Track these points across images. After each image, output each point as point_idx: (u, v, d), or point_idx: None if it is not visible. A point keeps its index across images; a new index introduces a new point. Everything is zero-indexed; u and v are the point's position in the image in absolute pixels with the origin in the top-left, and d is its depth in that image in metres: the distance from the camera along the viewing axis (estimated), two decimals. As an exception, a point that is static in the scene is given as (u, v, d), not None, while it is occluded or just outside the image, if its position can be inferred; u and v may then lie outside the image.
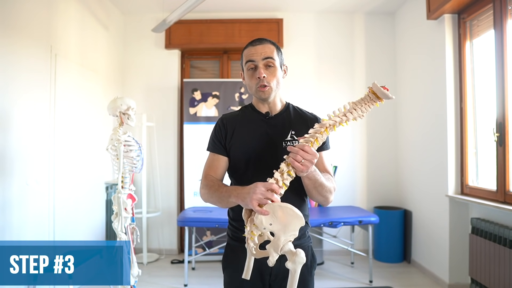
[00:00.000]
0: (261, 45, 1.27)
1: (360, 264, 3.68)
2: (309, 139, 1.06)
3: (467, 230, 2.87)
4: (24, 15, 2.47)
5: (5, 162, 2.29)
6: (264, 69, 1.25)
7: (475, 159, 2.92)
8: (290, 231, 1.00)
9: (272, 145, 1.26)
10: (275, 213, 0.99)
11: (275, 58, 1.26)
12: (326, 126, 1.06)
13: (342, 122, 1.05)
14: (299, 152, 1.02)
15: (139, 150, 2.41)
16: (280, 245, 1.00)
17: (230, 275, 1.31)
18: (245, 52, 1.30)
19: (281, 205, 0.99)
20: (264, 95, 1.27)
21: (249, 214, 1.05)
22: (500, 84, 2.50)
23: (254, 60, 1.25)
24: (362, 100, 1.06)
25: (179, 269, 3.54)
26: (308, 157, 1.02)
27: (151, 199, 4.05)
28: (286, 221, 0.99)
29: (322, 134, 1.05)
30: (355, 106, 1.06)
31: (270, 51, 1.26)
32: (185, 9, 2.93)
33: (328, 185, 1.21)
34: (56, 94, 2.77)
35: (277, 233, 1.00)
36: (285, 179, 1.04)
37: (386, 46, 4.07)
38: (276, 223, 0.99)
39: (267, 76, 1.25)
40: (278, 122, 1.32)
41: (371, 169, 4.06)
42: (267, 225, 0.99)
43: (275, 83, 1.27)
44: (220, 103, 3.86)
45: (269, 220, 0.99)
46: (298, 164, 1.02)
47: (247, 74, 1.29)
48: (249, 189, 1.06)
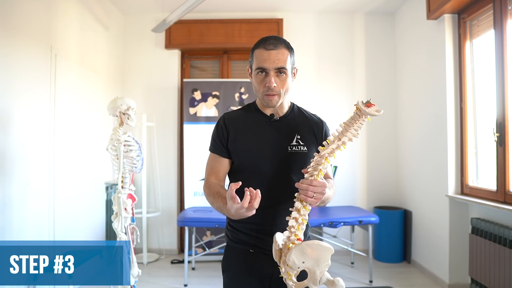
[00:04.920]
0: (276, 50, 1.19)
1: (360, 264, 3.68)
2: (313, 172, 1.09)
3: (467, 230, 2.87)
4: (24, 15, 2.47)
5: (5, 162, 2.29)
6: (275, 77, 1.20)
7: (475, 159, 2.92)
8: (323, 263, 1.03)
9: (278, 150, 1.25)
10: (305, 252, 1.02)
11: (287, 67, 1.20)
12: (325, 156, 1.08)
13: (340, 147, 1.08)
14: (309, 188, 1.05)
15: (139, 150, 2.41)
16: (318, 278, 1.03)
17: (231, 277, 1.30)
18: (257, 53, 1.21)
19: (308, 243, 1.02)
20: (271, 104, 1.23)
21: (279, 255, 1.07)
22: (500, 84, 2.50)
23: (266, 68, 1.19)
24: (353, 119, 1.07)
25: (179, 269, 3.54)
26: (318, 190, 1.06)
27: (151, 199, 4.05)
28: (317, 255, 1.02)
29: (324, 164, 1.09)
30: (347, 127, 1.08)
31: (283, 60, 1.19)
32: (185, 9, 2.93)
33: (331, 193, 1.22)
34: (56, 94, 2.77)
35: (312, 268, 1.03)
36: (303, 215, 1.09)
37: (386, 46, 4.07)
38: (308, 260, 1.02)
39: (277, 85, 1.20)
40: (283, 125, 1.29)
41: (371, 169, 4.06)
42: (300, 263, 1.02)
43: (284, 90, 1.23)
44: (220, 103, 3.86)
45: (301, 259, 1.02)
46: (311, 199, 1.06)
47: (256, 77, 1.23)
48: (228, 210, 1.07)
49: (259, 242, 1.25)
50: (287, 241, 1.07)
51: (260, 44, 1.22)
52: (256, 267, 1.25)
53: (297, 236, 1.07)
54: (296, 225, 1.08)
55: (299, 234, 1.07)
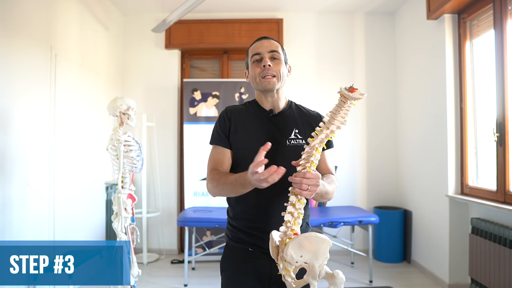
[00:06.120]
0: (267, 40, 1.32)
1: (360, 264, 3.68)
2: (305, 164, 1.08)
3: (467, 230, 2.87)
4: (24, 15, 2.47)
5: (5, 162, 2.29)
6: (270, 60, 1.28)
7: (475, 159, 2.92)
8: (321, 256, 1.02)
9: (276, 144, 1.25)
10: (302, 245, 1.00)
11: (280, 52, 1.31)
12: (315, 147, 1.08)
13: (328, 136, 1.09)
14: (303, 181, 1.04)
15: (139, 150, 2.42)
16: (317, 272, 1.02)
17: (229, 277, 1.29)
18: (251, 47, 1.34)
19: (305, 235, 1.01)
20: (268, 85, 1.27)
21: (277, 252, 1.06)
22: (500, 84, 2.50)
23: (260, 53, 1.29)
24: (338, 107, 1.09)
25: (179, 269, 3.54)
26: (312, 182, 1.05)
27: (151, 199, 4.05)
28: (315, 248, 1.01)
29: (315, 155, 1.08)
30: (333, 115, 1.08)
31: (275, 46, 1.31)
32: (185, 9, 2.93)
33: (332, 188, 1.22)
34: (56, 94, 2.77)
35: (310, 262, 1.02)
36: (299, 209, 1.08)
37: (386, 46, 4.07)
38: (305, 253, 1.01)
39: (273, 66, 1.28)
40: (282, 120, 1.32)
41: (371, 169, 4.06)
42: (298, 258, 1.01)
43: (280, 75, 1.29)
44: (220, 103, 3.86)
45: (299, 253, 1.01)
46: (306, 192, 1.05)
47: (252, 66, 1.31)
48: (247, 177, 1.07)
49: (258, 241, 1.25)
50: (283, 237, 1.06)
51: (253, 42, 1.36)
52: (255, 266, 1.25)
53: (293, 231, 1.06)
54: (292, 219, 1.07)
55: (296, 229, 1.06)
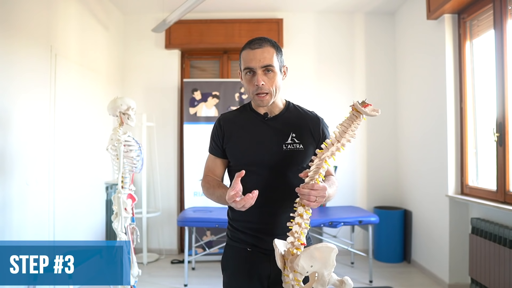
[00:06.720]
0: (261, 49, 1.19)
1: (360, 264, 3.68)
2: (313, 176, 1.09)
3: (467, 230, 2.87)
4: (24, 15, 2.47)
5: (5, 162, 2.29)
6: (263, 75, 1.20)
7: (475, 159, 2.92)
8: (330, 264, 1.04)
9: (272, 148, 1.25)
10: (313, 256, 1.02)
11: (274, 64, 1.20)
12: (325, 159, 1.09)
13: (339, 149, 1.09)
14: (311, 192, 1.05)
15: (139, 150, 2.41)
16: (326, 280, 1.04)
17: (230, 276, 1.30)
18: (243, 55, 1.23)
19: (317, 246, 1.03)
20: (262, 103, 1.24)
21: (283, 262, 1.07)
22: (500, 84, 2.50)
23: (252, 67, 1.20)
24: (350, 120, 1.08)
25: (179, 269, 3.54)
26: (320, 194, 1.06)
27: (151, 199, 4.05)
28: (325, 258, 1.03)
29: (324, 167, 1.09)
30: (344, 128, 1.08)
31: (269, 57, 1.20)
32: (185, 9, 2.93)
33: (333, 191, 1.22)
34: (56, 94, 2.77)
35: (319, 271, 1.04)
36: (306, 220, 1.09)
37: (386, 46, 4.07)
38: (316, 263, 1.03)
39: (266, 83, 1.20)
40: (277, 124, 1.29)
41: (371, 169, 4.06)
42: (309, 268, 1.03)
43: (274, 89, 1.22)
44: (220, 103, 3.86)
45: (309, 263, 1.03)
46: (314, 204, 1.07)
47: (245, 78, 1.24)
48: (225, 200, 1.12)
49: (256, 241, 1.26)
50: (290, 247, 1.07)
51: (246, 46, 1.24)
52: (254, 266, 1.25)
53: (300, 241, 1.07)
54: (299, 230, 1.08)
55: (302, 239, 1.07)
